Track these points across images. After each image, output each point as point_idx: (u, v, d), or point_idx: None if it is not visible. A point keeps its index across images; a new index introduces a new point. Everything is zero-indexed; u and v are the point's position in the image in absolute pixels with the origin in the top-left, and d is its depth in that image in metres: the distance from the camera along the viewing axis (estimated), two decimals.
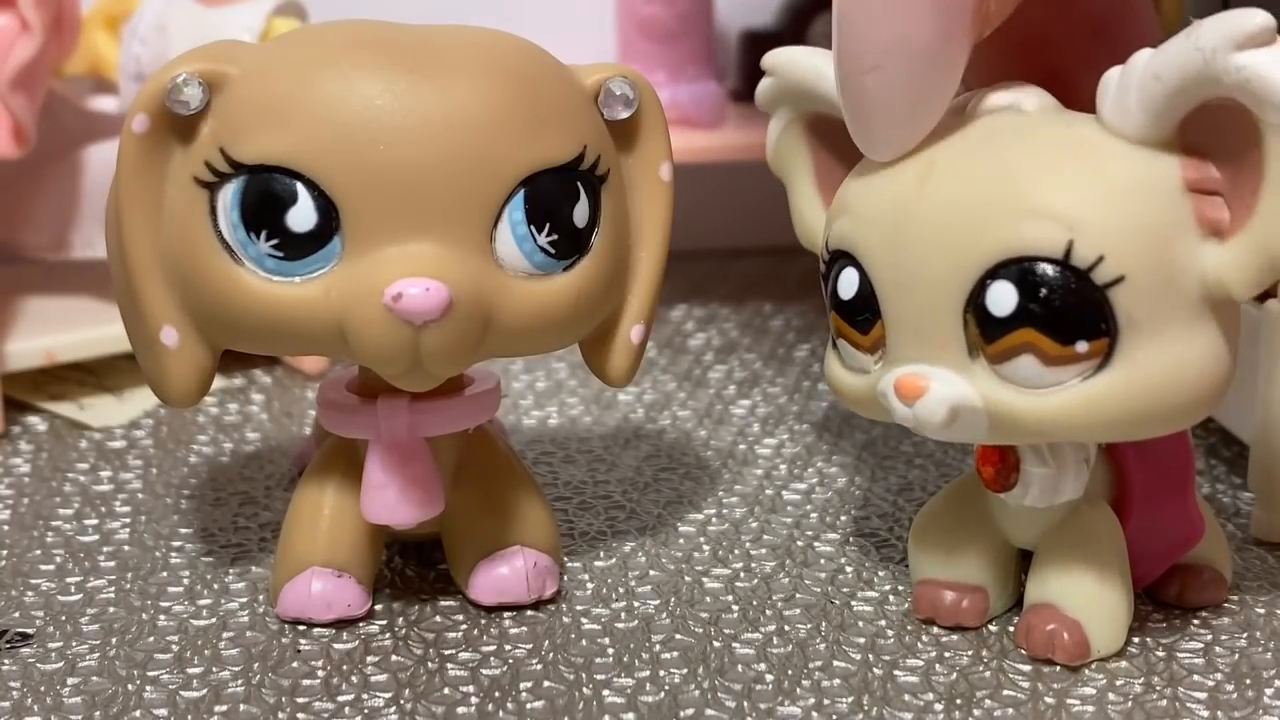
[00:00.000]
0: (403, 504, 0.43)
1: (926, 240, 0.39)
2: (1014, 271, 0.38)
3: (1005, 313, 0.38)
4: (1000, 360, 0.38)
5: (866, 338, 0.41)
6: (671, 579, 0.47)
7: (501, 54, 0.42)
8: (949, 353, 0.39)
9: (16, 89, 0.55)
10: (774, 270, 0.77)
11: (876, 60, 0.39)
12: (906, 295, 0.39)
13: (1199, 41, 0.36)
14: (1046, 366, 0.38)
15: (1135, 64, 0.38)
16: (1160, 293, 0.38)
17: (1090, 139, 0.39)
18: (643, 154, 0.44)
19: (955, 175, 0.39)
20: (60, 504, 0.52)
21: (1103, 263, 0.37)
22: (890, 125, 0.40)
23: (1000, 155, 0.39)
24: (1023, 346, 0.38)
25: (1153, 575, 0.44)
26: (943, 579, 0.44)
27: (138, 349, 0.43)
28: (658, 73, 0.68)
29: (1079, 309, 0.38)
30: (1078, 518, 0.42)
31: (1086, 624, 0.42)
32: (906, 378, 0.39)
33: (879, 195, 0.40)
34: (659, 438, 0.58)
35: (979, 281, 0.38)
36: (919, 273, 0.39)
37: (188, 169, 0.41)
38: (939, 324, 0.39)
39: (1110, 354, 0.38)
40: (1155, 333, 0.38)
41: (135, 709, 0.40)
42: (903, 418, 0.40)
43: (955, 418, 0.39)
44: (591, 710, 0.40)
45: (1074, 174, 0.38)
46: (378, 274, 0.39)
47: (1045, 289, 0.38)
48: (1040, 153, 0.39)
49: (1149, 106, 0.38)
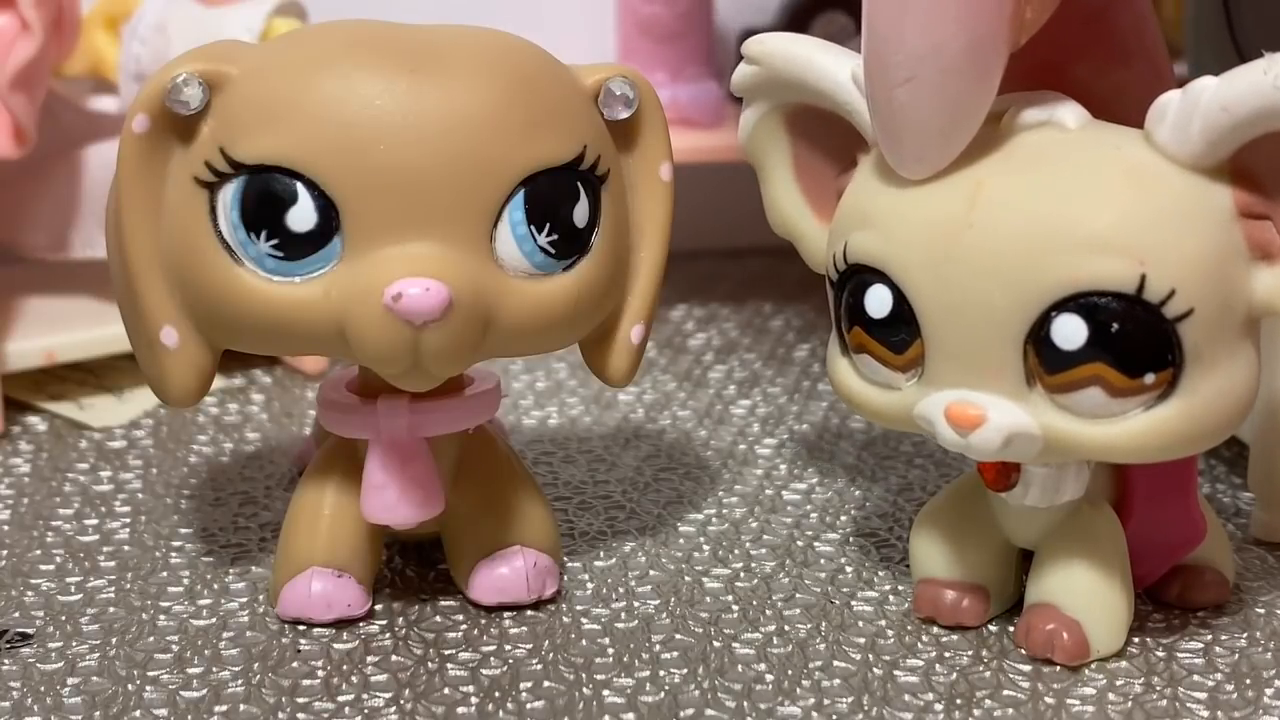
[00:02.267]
0: (403, 504, 0.43)
1: (981, 269, 0.38)
2: (1082, 305, 0.37)
3: (1074, 346, 0.37)
4: (1064, 390, 0.38)
5: (900, 357, 0.40)
6: (671, 579, 0.47)
7: (502, 54, 0.42)
8: (1003, 380, 0.38)
9: (16, 89, 0.55)
10: (774, 270, 0.77)
11: (910, 72, 0.38)
12: (956, 322, 0.39)
13: (1278, 80, 0.36)
14: (1113, 398, 0.38)
15: (1200, 93, 0.37)
16: (1219, 321, 0.38)
17: (1146, 163, 0.38)
18: (643, 154, 0.44)
19: (1010, 199, 0.38)
20: (60, 504, 0.52)
21: (1174, 297, 0.37)
22: (924, 141, 0.39)
23: (1056, 179, 0.38)
24: (1091, 379, 0.38)
25: (1154, 576, 0.44)
26: (943, 578, 0.44)
27: (138, 349, 0.43)
28: (658, 73, 0.67)
29: (1149, 343, 0.37)
30: (1079, 518, 0.42)
31: (1086, 624, 0.42)
32: (960, 407, 0.39)
33: (918, 214, 0.39)
34: (659, 438, 0.58)
35: (1043, 314, 0.38)
36: (972, 300, 0.38)
37: (188, 169, 0.41)
38: (994, 353, 0.38)
39: (1175, 383, 0.38)
40: (1214, 359, 0.38)
41: (135, 709, 0.40)
42: (950, 443, 0.39)
43: (1009, 445, 0.39)
44: (591, 710, 0.40)
45: (1137, 203, 0.37)
46: (377, 274, 0.39)
47: (1117, 323, 0.37)
48: (1098, 178, 0.38)
49: (1211, 136, 0.37)
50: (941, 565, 0.44)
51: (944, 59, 0.38)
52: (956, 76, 0.38)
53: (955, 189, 0.39)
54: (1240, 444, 0.53)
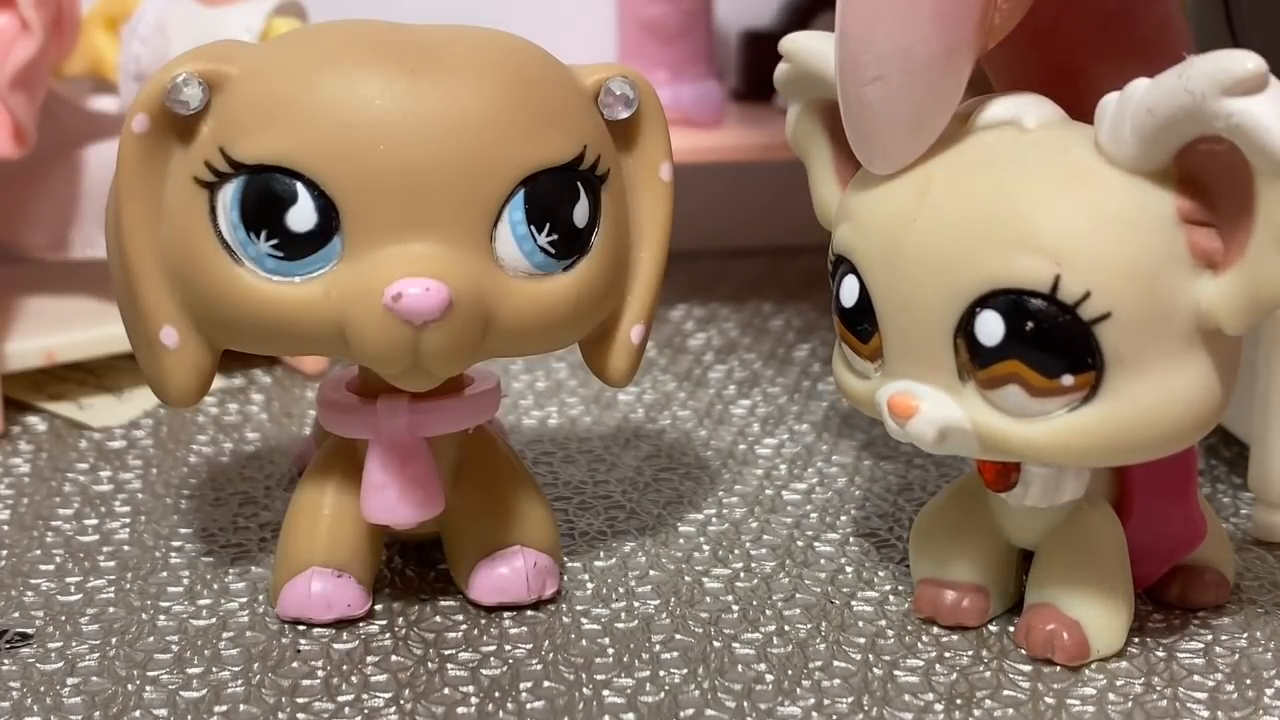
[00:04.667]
0: (403, 504, 0.43)
1: (920, 261, 0.39)
2: (1002, 302, 0.38)
3: (993, 342, 0.38)
4: (989, 387, 0.38)
5: (866, 346, 0.41)
6: (671, 579, 0.47)
7: (502, 54, 0.42)
8: (940, 373, 0.39)
9: (16, 89, 0.55)
10: (774, 270, 0.77)
11: (878, 72, 0.38)
12: (900, 313, 0.39)
13: (1189, 84, 0.36)
14: (1032, 397, 0.38)
15: (1131, 94, 0.37)
16: (1148, 327, 0.37)
17: (1086, 167, 0.38)
18: (643, 154, 0.44)
19: (950, 196, 0.39)
20: (60, 504, 0.52)
21: (1090, 299, 0.37)
22: (890, 138, 0.39)
23: (995, 179, 0.38)
24: (1010, 376, 0.38)
25: (1154, 576, 0.44)
26: (943, 579, 0.44)
27: (138, 349, 0.43)
28: (658, 72, 0.68)
29: (1065, 343, 0.37)
30: (1078, 518, 0.42)
31: (1086, 624, 0.42)
32: (899, 396, 0.39)
33: (878, 207, 0.40)
34: (659, 438, 0.58)
35: (969, 308, 0.38)
36: (912, 293, 0.39)
37: (187, 169, 0.41)
38: (930, 345, 0.39)
39: (1097, 387, 0.38)
40: (1142, 366, 0.38)
41: (135, 709, 0.40)
42: (894, 432, 0.40)
43: (945, 438, 0.39)
44: (591, 710, 0.40)
45: (1065, 205, 0.38)
46: (377, 274, 0.39)
47: (1031, 322, 0.37)
48: (1034, 180, 0.38)
49: (1142, 138, 0.37)
50: (942, 565, 0.44)
51: (912, 61, 0.38)
52: (923, 78, 0.39)
53: (909, 184, 0.40)
54: (1240, 444, 0.53)
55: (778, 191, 0.80)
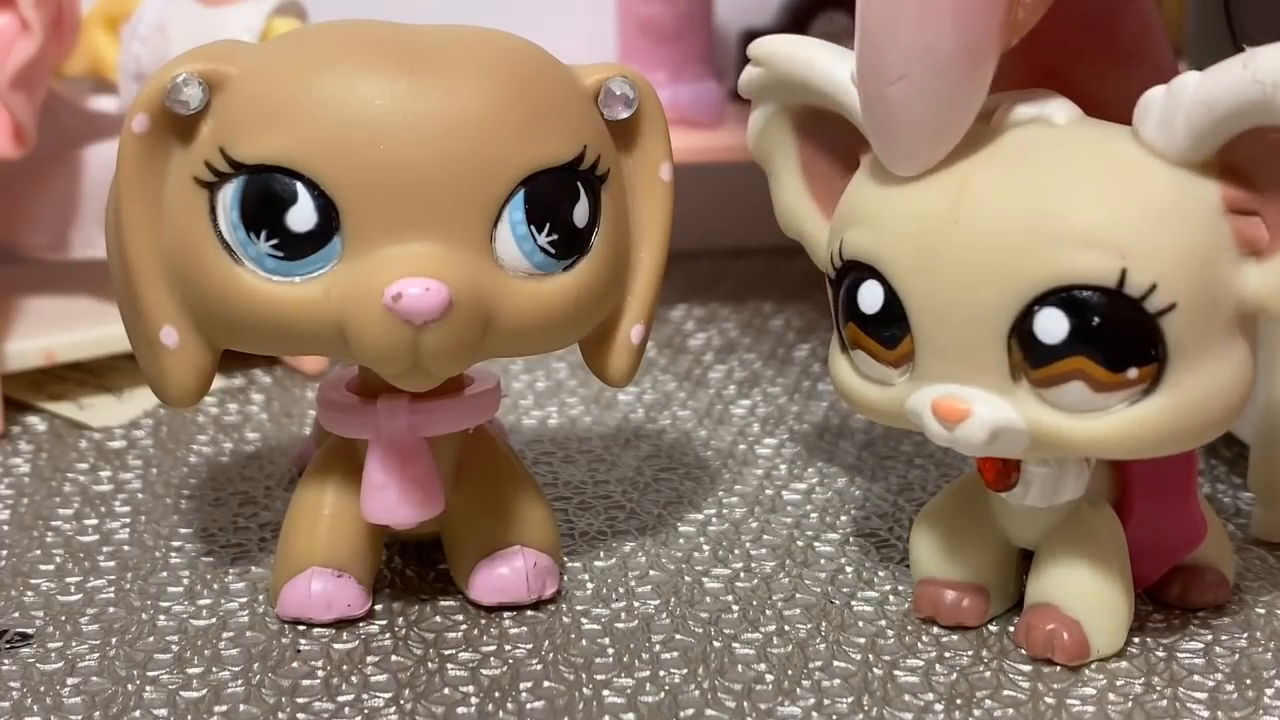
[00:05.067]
0: (403, 504, 0.43)
1: (966, 263, 0.38)
2: (1064, 299, 0.37)
3: (1055, 340, 0.38)
4: (1047, 385, 0.38)
5: (892, 353, 0.40)
6: (671, 579, 0.47)
7: (501, 54, 0.42)
8: (989, 375, 0.39)
9: (16, 89, 0.55)
10: (774, 270, 0.77)
11: (902, 70, 0.38)
12: (943, 317, 0.39)
13: (1258, 74, 0.36)
14: (1095, 393, 0.38)
15: (1184, 88, 0.37)
16: (1205, 316, 0.38)
17: (1132, 159, 0.38)
18: (643, 154, 0.44)
19: (995, 195, 0.38)
20: (60, 504, 0.52)
21: (1155, 291, 0.37)
22: (916, 139, 0.39)
23: (1041, 175, 0.38)
24: (1073, 373, 0.38)
25: (1154, 576, 0.44)
26: (943, 578, 0.44)
27: (138, 349, 0.43)
28: (658, 72, 0.68)
29: (1132, 337, 0.37)
30: (1079, 518, 0.42)
31: (1086, 624, 0.42)
32: (946, 400, 0.39)
33: (906, 210, 0.39)
34: (659, 438, 0.58)
35: (1026, 308, 0.38)
36: (958, 295, 0.38)
37: (187, 169, 0.41)
38: (979, 347, 0.38)
39: (1158, 379, 0.38)
40: (1199, 355, 0.38)
41: (135, 709, 0.40)
42: (937, 437, 0.39)
43: (996, 439, 0.39)
44: (591, 710, 0.40)
45: (1121, 198, 0.38)
46: (377, 274, 0.39)
47: (1098, 317, 0.37)
48: (1083, 174, 0.38)
49: (1196, 131, 0.37)
50: (941, 565, 0.44)
51: (936, 59, 0.38)
52: (948, 76, 0.38)
53: (942, 185, 0.39)
54: (1240, 444, 0.53)
55: None
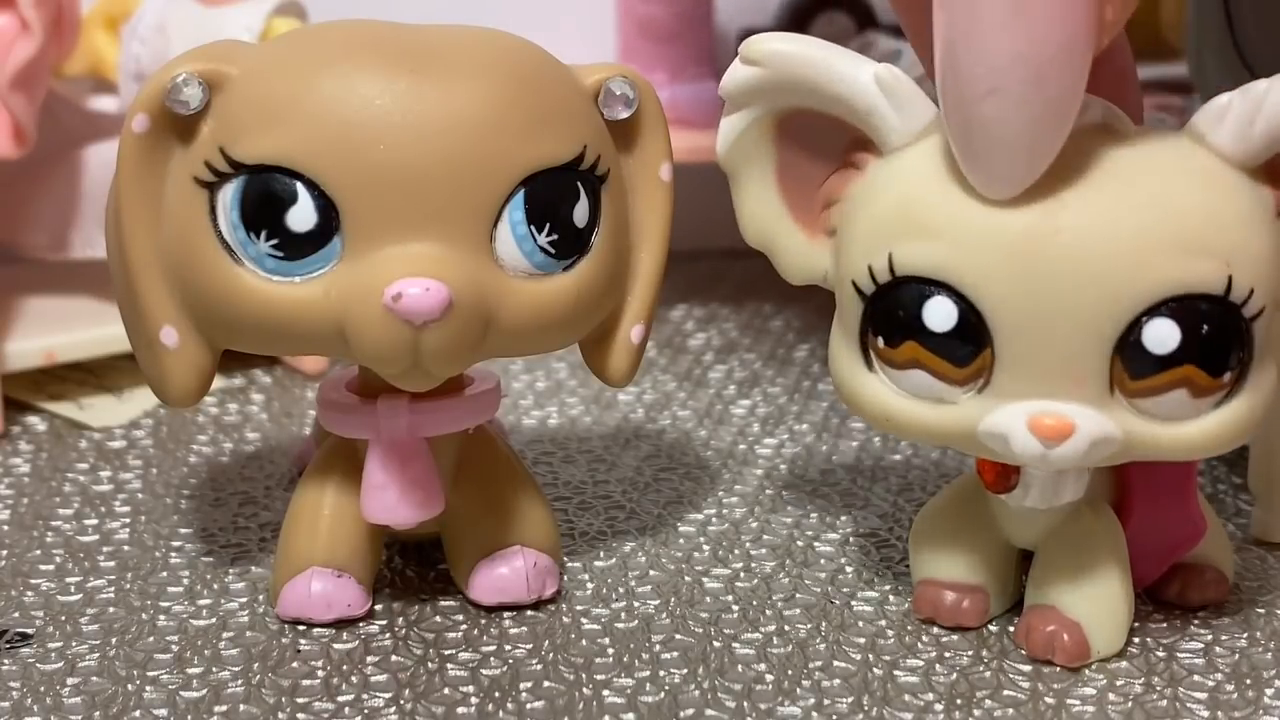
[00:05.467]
0: (403, 504, 0.43)
1: (1068, 274, 0.37)
2: (1176, 309, 0.37)
3: (1167, 350, 0.38)
4: (1149, 395, 0.38)
5: (963, 370, 0.39)
6: (671, 579, 0.47)
7: (501, 54, 0.42)
8: (1085, 389, 0.38)
9: (16, 89, 0.55)
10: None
11: (991, 85, 0.36)
12: (1039, 332, 0.38)
13: None
14: (1194, 398, 0.38)
15: (1265, 94, 0.37)
16: (1273, 317, 0.39)
17: (1211, 166, 0.38)
18: (643, 154, 0.44)
19: (1090, 204, 0.38)
20: (60, 504, 0.52)
21: (1254, 296, 0.38)
22: (1012, 157, 0.37)
23: (1136, 187, 0.38)
24: (1180, 382, 0.38)
25: (1154, 575, 0.44)
26: (943, 579, 0.44)
27: (138, 349, 0.43)
28: (658, 73, 0.68)
29: (1234, 343, 0.38)
30: (1078, 519, 0.42)
31: (1086, 625, 0.42)
32: (1050, 419, 0.38)
33: (993, 223, 0.38)
34: (659, 438, 0.58)
35: (1135, 319, 0.38)
36: (1060, 308, 0.38)
37: (187, 169, 0.41)
38: (1079, 361, 0.38)
39: (1241, 380, 0.39)
40: (1267, 355, 0.39)
41: (135, 709, 0.40)
42: (1028, 456, 0.38)
43: (1089, 454, 0.38)
44: (591, 710, 0.40)
45: (1216, 205, 0.38)
46: (377, 274, 0.39)
47: (1208, 325, 0.38)
48: (1175, 182, 0.38)
49: (1274, 135, 0.37)
50: (941, 566, 0.44)
51: (1030, 67, 0.36)
52: (1045, 85, 0.36)
53: (1027, 197, 0.38)
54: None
55: None
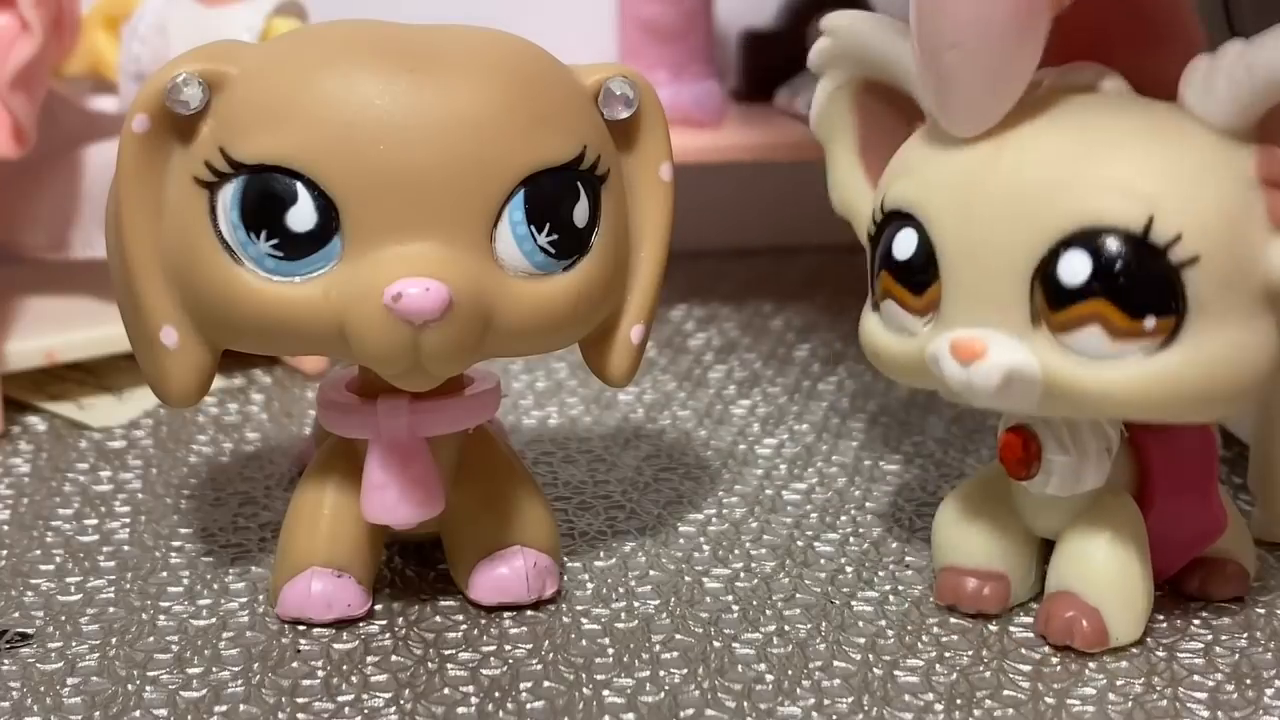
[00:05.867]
0: (403, 504, 0.43)
1: (1000, 205, 0.39)
2: (1090, 242, 0.38)
3: (1077, 282, 0.38)
4: (1064, 330, 0.39)
5: (920, 299, 0.41)
6: (671, 579, 0.47)
7: (502, 54, 0.42)
8: (1010, 318, 0.39)
9: (16, 89, 0.55)
10: (774, 270, 0.77)
11: (955, 37, 0.39)
12: (972, 259, 0.40)
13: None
14: (1112, 339, 0.38)
15: (1227, 54, 0.38)
16: (1229, 278, 0.38)
17: (1173, 120, 0.39)
18: (643, 154, 0.44)
19: (1034, 144, 0.40)
20: (60, 504, 0.52)
21: (1180, 241, 0.38)
22: (971, 102, 0.40)
23: (1081, 128, 0.39)
24: (1091, 317, 0.38)
25: (1174, 567, 0.45)
26: (965, 566, 0.44)
27: (138, 349, 0.43)
28: (658, 72, 0.67)
29: (1152, 284, 0.38)
30: (1099, 507, 0.43)
31: (1106, 612, 0.42)
32: (964, 339, 0.40)
33: (950, 159, 0.41)
34: (659, 438, 0.58)
35: (1052, 249, 0.38)
36: (988, 238, 0.39)
37: (188, 169, 0.41)
38: (1004, 289, 0.39)
39: (1176, 333, 0.38)
40: (1219, 317, 0.38)
41: (135, 709, 0.40)
42: (954, 380, 0.40)
43: (1009, 384, 0.39)
44: (591, 710, 0.40)
45: (1157, 153, 0.39)
46: (377, 274, 0.39)
47: (1121, 261, 0.38)
48: (1123, 129, 0.39)
49: (1237, 97, 0.38)
50: (963, 553, 0.44)
51: (988, 27, 0.39)
52: (1001, 40, 0.39)
53: (986, 139, 0.40)
54: (1240, 444, 0.53)
55: (778, 191, 0.80)
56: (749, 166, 0.77)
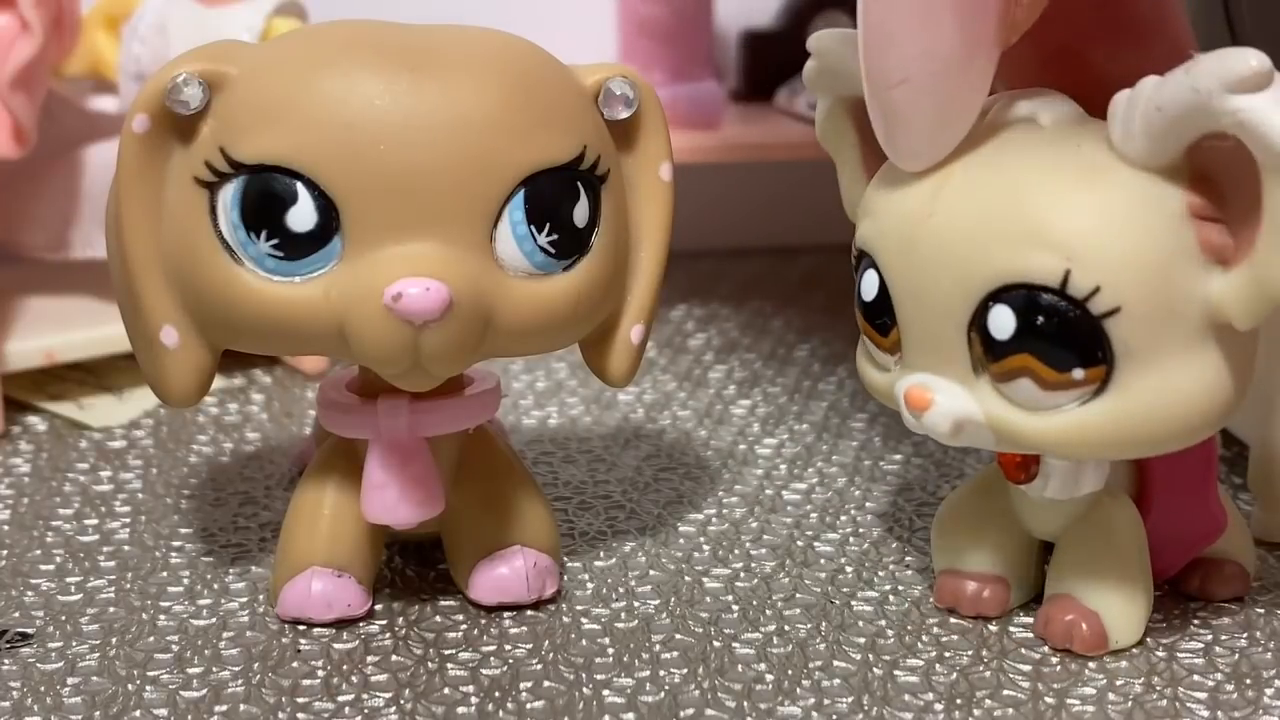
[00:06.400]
0: (403, 504, 0.43)
1: (935, 256, 0.39)
2: (1014, 297, 0.38)
3: (1005, 336, 0.38)
4: (1002, 380, 0.39)
5: (886, 340, 0.41)
6: (671, 579, 0.47)
7: (502, 54, 0.42)
8: (955, 366, 0.39)
9: (16, 89, 0.55)
10: (774, 270, 0.77)
11: (903, 74, 0.39)
12: (917, 307, 0.40)
13: (1196, 81, 0.36)
14: (1043, 390, 0.38)
15: (1141, 91, 0.38)
16: (1158, 322, 0.38)
17: (1097, 164, 0.38)
18: (643, 154, 0.44)
19: (964, 193, 0.39)
20: (60, 504, 0.52)
21: (1099, 293, 0.37)
22: (918, 137, 0.40)
23: (1008, 175, 0.39)
24: (1021, 370, 0.38)
25: (1174, 568, 0.45)
26: (964, 569, 0.44)
27: (138, 349, 0.43)
28: (658, 73, 0.68)
29: (1075, 337, 0.38)
30: (1098, 510, 0.43)
31: (1105, 615, 0.42)
32: (915, 389, 0.40)
33: (896, 203, 0.41)
34: (659, 438, 0.58)
35: (982, 302, 0.39)
36: (928, 287, 0.39)
37: (188, 169, 0.41)
38: (946, 338, 0.39)
39: (1107, 381, 0.38)
40: (1152, 360, 0.38)
41: (135, 709, 0.40)
42: (911, 425, 0.40)
43: (960, 430, 0.40)
44: (591, 710, 0.40)
45: (1076, 201, 0.38)
46: (378, 274, 0.39)
47: (1042, 316, 0.38)
48: (1045, 176, 0.39)
49: (1151, 135, 0.37)
50: (963, 556, 0.44)
51: (935, 61, 0.39)
52: (948, 78, 0.39)
53: (927, 180, 0.40)
54: (1240, 444, 0.53)
55: (778, 191, 0.80)
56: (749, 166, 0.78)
